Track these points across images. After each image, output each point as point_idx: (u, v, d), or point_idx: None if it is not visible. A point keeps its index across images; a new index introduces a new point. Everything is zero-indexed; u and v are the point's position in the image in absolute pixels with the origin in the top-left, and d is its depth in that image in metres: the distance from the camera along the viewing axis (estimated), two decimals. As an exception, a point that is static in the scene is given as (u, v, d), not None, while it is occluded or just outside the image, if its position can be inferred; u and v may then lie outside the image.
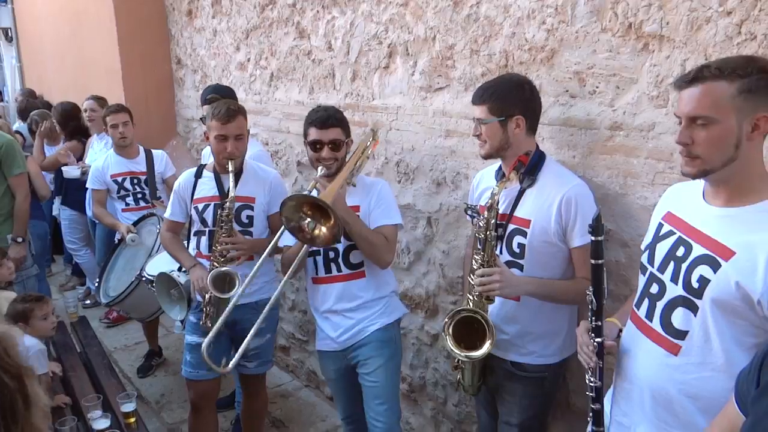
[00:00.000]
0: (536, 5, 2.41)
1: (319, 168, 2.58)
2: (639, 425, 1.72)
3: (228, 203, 2.84)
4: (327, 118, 2.58)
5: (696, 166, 1.57)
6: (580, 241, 2.16)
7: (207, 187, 3.01)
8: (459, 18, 2.74)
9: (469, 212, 2.41)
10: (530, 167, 2.21)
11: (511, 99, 2.19)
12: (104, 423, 2.93)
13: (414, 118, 3.08)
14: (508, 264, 2.25)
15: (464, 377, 2.43)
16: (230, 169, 2.84)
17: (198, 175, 3.05)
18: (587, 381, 1.80)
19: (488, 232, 2.16)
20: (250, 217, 2.98)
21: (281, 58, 4.03)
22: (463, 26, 2.73)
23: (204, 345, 2.57)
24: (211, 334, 2.63)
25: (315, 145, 2.59)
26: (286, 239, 2.70)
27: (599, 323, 1.77)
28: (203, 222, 2.99)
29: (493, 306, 2.29)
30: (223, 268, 2.82)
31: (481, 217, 2.19)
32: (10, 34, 9.93)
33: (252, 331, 2.63)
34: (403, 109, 3.13)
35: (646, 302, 1.73)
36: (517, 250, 2.25)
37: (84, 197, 5.29)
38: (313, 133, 2.59)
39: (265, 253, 2.70)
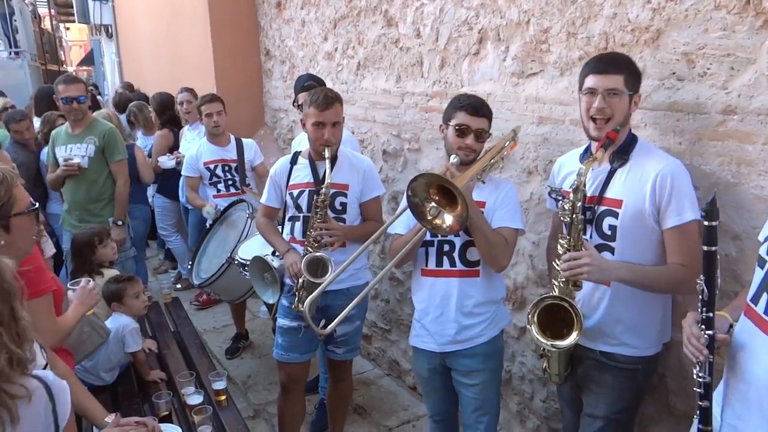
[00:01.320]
0: (641, -17, 2.29)
1: (452, 156, 2.48)
2: (757, 430, 1.60)
3: (324, 189, 2.85)
4: (480, 105, 2.49)
5: None
6: (674, 221, 2.03)
7: (302, 173, 3.04)
8: (555, 0, 2.64)
9: (553, 195, 2.29)
10: (622, 148, 2.12)
11: (637, 74, 2.11)
12: (197, 399, 3.05)
13: (505, 104, 3.00)
14: (599, 247, 2.14)
15: (550, 366, 2.34)
16: (327, 155, 2.85)
17: (293, 161, 3.09)
18: (695, 377, 1.69)
19: (574, 216, 2.06)
20: (344, 204, 3.00)
21: (368, 46, 4.04)
22: (560, 8, 2.63)
23: (307, 302, 2.52)
24: (314, 294, 2.59)
25: (461, 130, 2.47)
26: (397, 227, 2.66)
27: (710, 314, 1.66)
28: (298, 208, 3.03)
29: (582, 292, 2.19)
30: (317, 254, 2.85)
31: (566, 200, 2.10)
32: (110, 31, 10.52)
33: (344, 313, 2.58)
34: (494, 96, 3.06)
35: (764, 297, 1.60)
36: (609, 232, 2.15)
37: (177, 185, 5.54)
38: (461, 118, 2.46)
39: (373, 238, 2.64)
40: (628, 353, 2.20)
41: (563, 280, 2.11)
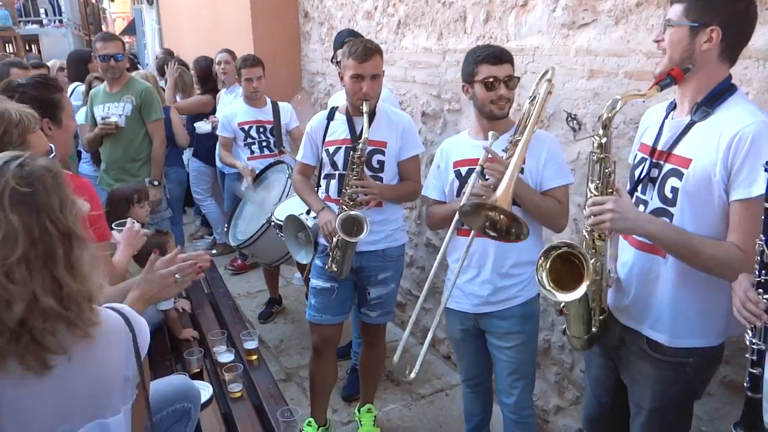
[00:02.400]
0: None
1: (490, 134, 2.34)
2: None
3: (361, 145, 2.74)
4: (500, 52, 2.38)
5: None
6: (741, 193, 1.69)
7: (339, 129, 2.94)
8: (613, -58, 2.46)
9: (571, 123, 2.08)
10: (708, 98, 1.79)
11: (715, 4, 1.74)
12: (228, 357, 3.02)
13: (553, 59, 2.83)
14: (656, 213, 1.87)
15: (570, 326, 2.09)
16: (365, 110, 2.74)
17: (330, 117, 2.99)
18: (748, 342, 1.53)
19: (603, 155, 1.83)
20: (381, 162, 2.89)
21: (410, 3, 3.89)
22: (618, -49, 2.45)
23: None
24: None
25: (490, 83, 2.36)
26: (429, 190, 2.62)
27: None
28: (333, 165, 2.94)
29: (629, 260, 1.98)
30: (352, 212, 2.76)
31: (594, 135, 1.85)
32: (151, -1, 10.55)
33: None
34: (541, 49, 2.89)
35: None
36: (670, 195, 1.83)
37: (213, 149, 5.50)
38: (486, 71, 2.36)
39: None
40: (678, 344, 1.91)
41: (589, 230, 1.90)
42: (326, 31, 5.22)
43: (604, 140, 1.83)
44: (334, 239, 2.84)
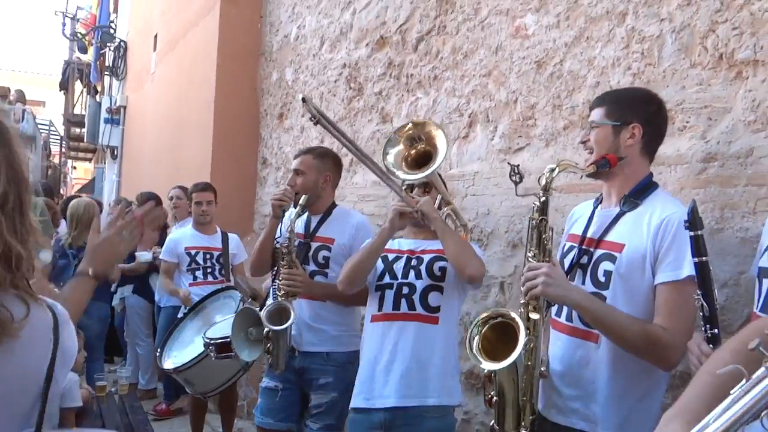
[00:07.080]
0: (621, 53, 2.45)
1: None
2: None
3: (288, 234, 2.82)
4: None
5: None
6: (668, 276, 1.77)
7: (300, 223, 3.03)
8: (542, 78, 2.81)
9: (514, 177, 2.13)
10: (636, 191, 1.94)
11: (633, 106, 1.94)
12: (138, 469, 2.72)
13: (491, 180, 3.06)
14: None
15: (501, 418, 1.91)
16: (301, 202, 2.87)
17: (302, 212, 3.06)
18: None
19: (541, 217, 1.89)
20: (327, 258, 2.93)
21: (362, 143, 4.18)
22: (546, 85, 2.79)
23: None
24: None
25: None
26: None
27: (716, 331, 1.54)
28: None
29: (559, 350, 1.98)
30: (278, 301, 2.73)
31: (537, 196, 1.91)
32: (116, 153, 10.91)
33: None
34: (481, 173, 3.13)
35: None
36: (603, 279, 1.91)
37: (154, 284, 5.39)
38: None
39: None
40: None
41: (523, 301, 1.90)
42: (282, 174, 5.48)
43: (543, 199, 1.91)
44: (264, 330, 2.77)
